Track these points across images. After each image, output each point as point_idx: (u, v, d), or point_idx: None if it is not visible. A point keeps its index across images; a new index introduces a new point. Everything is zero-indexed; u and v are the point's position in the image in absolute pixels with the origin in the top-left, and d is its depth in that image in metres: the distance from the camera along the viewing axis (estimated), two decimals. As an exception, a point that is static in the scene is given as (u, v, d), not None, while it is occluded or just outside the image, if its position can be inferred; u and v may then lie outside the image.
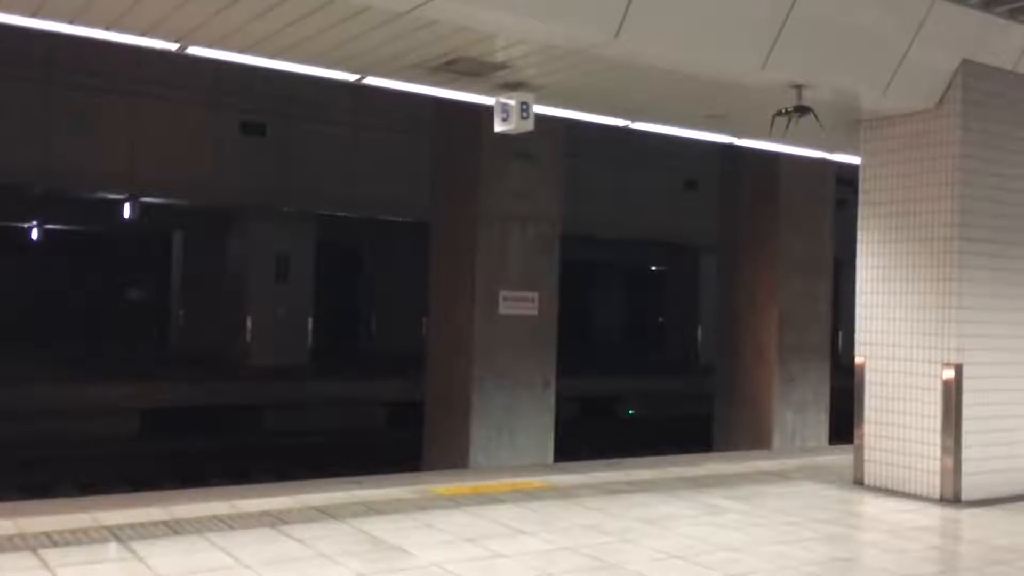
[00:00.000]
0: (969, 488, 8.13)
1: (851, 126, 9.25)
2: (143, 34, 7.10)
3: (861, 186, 8.99)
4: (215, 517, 6.60)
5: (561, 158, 12.80)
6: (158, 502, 6.97)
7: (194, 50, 7.45)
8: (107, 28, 6.99)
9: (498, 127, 8.42)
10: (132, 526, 6.28)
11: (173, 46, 7.36)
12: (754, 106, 8.72)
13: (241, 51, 7.45)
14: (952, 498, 8.07)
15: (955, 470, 8.09)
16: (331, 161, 18.76)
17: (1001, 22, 8.13)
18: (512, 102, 8.22)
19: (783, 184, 14.43)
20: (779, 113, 8.26)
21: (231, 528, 6.34)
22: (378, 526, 6.55)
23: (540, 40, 7.02)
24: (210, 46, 7.36)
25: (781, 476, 9.15)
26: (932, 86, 8.25)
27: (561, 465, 9.37)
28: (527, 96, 8.22)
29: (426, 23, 6.69)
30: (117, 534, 6.08)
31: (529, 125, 8.28)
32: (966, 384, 8.12)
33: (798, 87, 7.90)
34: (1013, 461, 8.50)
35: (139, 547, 5.80)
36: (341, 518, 6.74)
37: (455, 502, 7.41)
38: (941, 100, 8.32)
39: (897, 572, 5.89)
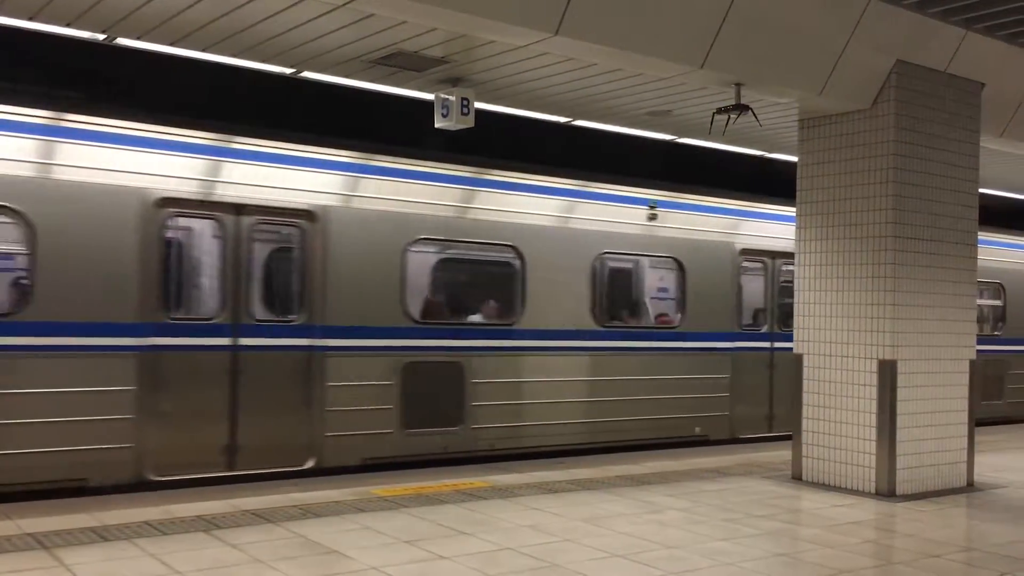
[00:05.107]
0: (903, 483, 8.27)
1: (789, 125, 9.35)
2: (68, 24, 6.87)
3: (799, 184, 9.07)
4: (146, 523, 6.41)
5: None
6: (86, 508, 6.75)
7: (122, 41, 7.23)
8: (31, 18, 6.76)
9: (438, 123, 8.33)
10: (58, 533, 6.06)
11: (100, 36, 7.13)
12: (695, 104, 8.77)
13: (171, 43, 7.25)
14: (887, 492, 8.19)
15: (890, 465, 8.22)
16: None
17: (934, 23, 8.26)
18: (452, 98, 8.14)
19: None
20: (719, 111, 8.31)
21: (163, 534, 6.16)
22: (315, 529, 6.41)
23: (480, 35, 6.94)
24: (139, 37, 7.14)
25: (721, 473, 9.21)
26: (867, 86, 8.36)
27: (503, 464, 9.30)
28: (467, 92, 8.14)
29: (363, 16, 6.57)
30: (42, 541, 5.86)
31: (469, 121, 8.22)
32: (900, 380, 8.25)
33: (737, 85, 7.95)
34: (946, 455, 8.66)
35: (65, 555, 5.59)
36: (277, 522, 6.59)
37: (395, 504, 7.30)
38: (876, 100, 8.43)
39: (834, 567, 5.94)
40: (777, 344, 12.16)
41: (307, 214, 8.59)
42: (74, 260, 7.46)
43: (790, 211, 9.62)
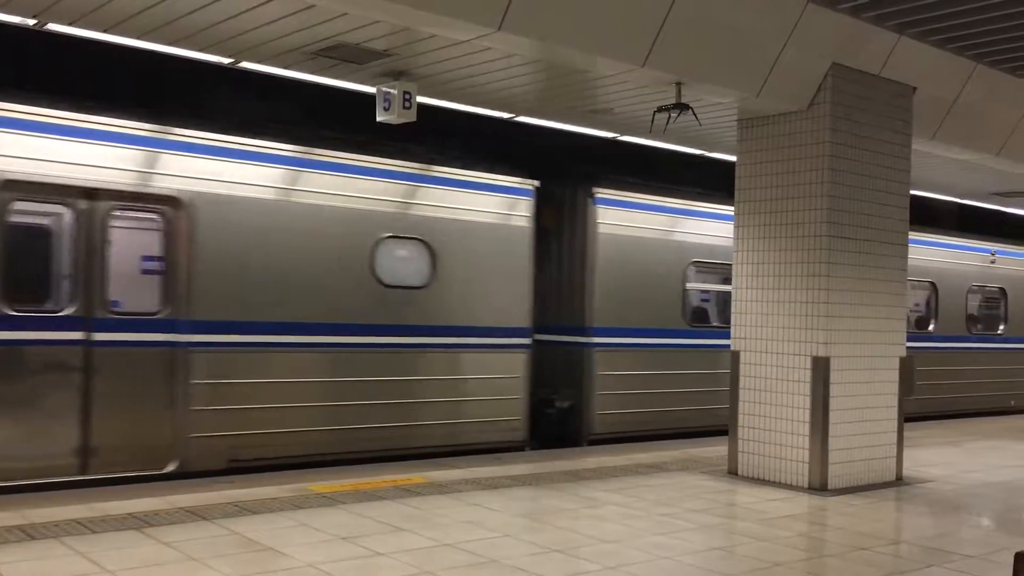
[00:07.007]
0: (835, 477, 8.44)
1: (728, 125, 9.46)
2: (-2, 8, 6.66)
3: (737, 184, 9.20)
4: (74, 521, 6.25)
5: None
6: (10, 506, 6.57)
7: (53, 27, 7.03)
8: (-43, 0, 6.53)
9: (380, 116, 8.25)
10: (-18, 532, 5.89)
11: (30, 22, 6.93)
12: (637, 102, 8.83)
13: (105, 30, 7.07)
14: (820, 487, 8.36)
15: (822, 460, 8.38)
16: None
17: (869, 27, 8.43)
18: (394, 91, 8.06)
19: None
20: (659, 110, 8.38)
21: (92, 532, 6.01)
22: (251, 526, 6.32)
23: (422, 29, 6.89)
24: (71, 23, 6.95)
25: (659, 468, 9.31)
26: (804, 88, 8.50)
27: (443, 460, 9.28)
28: (410, 86, 8.08)
29: (303, 7, 6.48)
30: (-35, 541, 5.69)
31: (411, 115, 8.14)
32: (833, 376, 8.42)
33: (678, 84, 8.02)
34: (876, 451, 8.87)
35: (-11, 555, 5.44)
36: (212, 519, 6.49)
37: (333, 500, 7.24)
38: (812, 102, 8.58)
39: (768, 559, 6.04)
40: (100, 336, 7.63)
41: None
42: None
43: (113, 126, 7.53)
